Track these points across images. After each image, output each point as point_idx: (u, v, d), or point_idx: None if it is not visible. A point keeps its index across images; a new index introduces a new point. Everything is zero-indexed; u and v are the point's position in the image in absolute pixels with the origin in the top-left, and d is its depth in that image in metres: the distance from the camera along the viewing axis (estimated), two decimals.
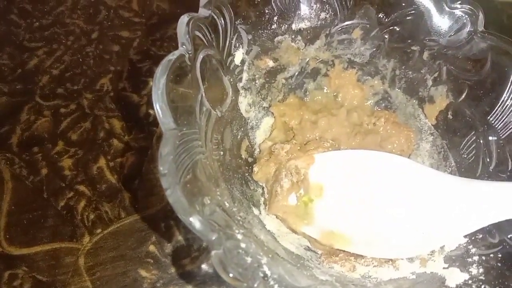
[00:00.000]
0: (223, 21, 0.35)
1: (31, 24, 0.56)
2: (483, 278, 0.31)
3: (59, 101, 0.50)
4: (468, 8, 0.37)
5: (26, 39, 0.55)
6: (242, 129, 0.41)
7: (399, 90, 0.44)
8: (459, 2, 0.37)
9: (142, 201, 0.43)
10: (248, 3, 0.37)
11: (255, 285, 0.25)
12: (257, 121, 0.43)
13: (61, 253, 0.41)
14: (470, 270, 0.32)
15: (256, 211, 0.38)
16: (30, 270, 0.40)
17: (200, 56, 0.32)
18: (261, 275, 0.26)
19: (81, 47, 0.54)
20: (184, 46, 0.30)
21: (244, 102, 0.41)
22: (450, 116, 0.40)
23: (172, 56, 0.29)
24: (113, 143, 0.47)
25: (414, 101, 0.43)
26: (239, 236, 0.28)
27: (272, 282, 0.26)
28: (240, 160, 0.40)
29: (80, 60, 0.53)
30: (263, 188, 0.40)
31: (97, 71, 0.52)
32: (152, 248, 0.41)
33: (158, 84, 0.28)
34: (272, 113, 0.44)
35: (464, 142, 0.39)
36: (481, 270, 0.32)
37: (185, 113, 0.30)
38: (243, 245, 0.27)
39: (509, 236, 0.32)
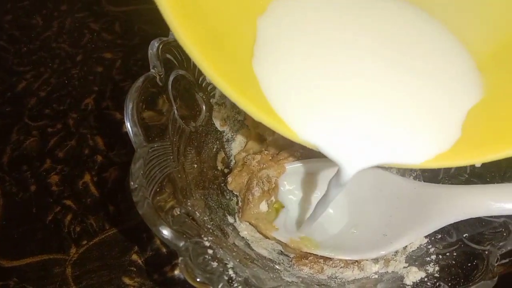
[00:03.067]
0: None
1: (19, 49, 0.59)
2: (438, 276, 0.33)
3: (46, 121, 0.52)
4: None
5: (15, 63, 0.58)
6: (217, 142, 0.43)
7: None
8: None
9: (125, 213, 0.45)
10: None
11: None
12: (232, 134, 0.45)
13: (50, 264, 0.43)
14: (427, 268, 0.34)
15: (231, 219, 0.40)
16: (21, 281, 0.42)
17: (172, 77, 0.35)
18: (226, 278, 0.28)
19: (67, 70, 0.56)
20: (155, 69, 0.33)
21: (218, 116, 0.43)
22: None
23: (142, 78, 0.32)
24: (97, 159, 0.49)
25: None
26: (207, 243, 0.30)
27: (236, 285, 0.28)
28: (216, 171, 0.42)
29: (66, 82, 0.55)
30: (237, 197, 0.42)
31: (82, 91, 0.54)
32: (135, 257, 0.43)
33: (128, 106, 0.30)
34: (247, 125, 0.46)
35: None
36: (437, 268, 0.34)
37: (157, 130, 0.32)
38: (210, 251, 0.29)
39: (465, 236, 0.34)
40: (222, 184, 0.42)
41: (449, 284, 0.31)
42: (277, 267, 0.36)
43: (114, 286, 0.41)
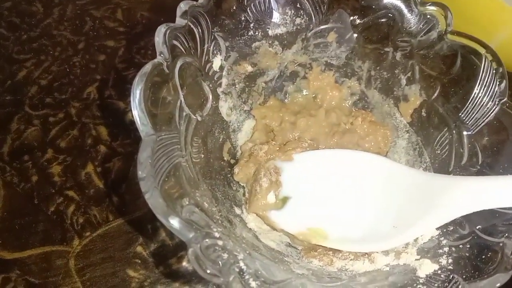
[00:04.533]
0: (200, 30, 0.36)
1: (19, 37, 0.58)
2: (452, 268, 0.33)
3: (47, 110, 0.51)
4: (437, 9, 0.39)
5: (15, 51, 0.56)
6: (224, 132, 0.42)
7: (375, 90, 0.45)
8: (429, 4, 0.39)
9: (129, 205, 0.44)
10: (224, 12, 0.38)
11: (231, 279, 0.26)
12: (238, 124, 0.44)
13: (52, 256, 0.42)
14: (440, 260, 0.33)
15: (238, 211, 0.39)
16: (23, 273, 0.41)
17: (178, 64, 0.34)
18: (237, 270, 0.28)
19: (68, 58, 0.55)
20: (162, 55, 0.32)
21: (225, 106, 0.42)
22: (424, 114, 0.42)
23: (149, 65, 0.31)
24: (100, 149, 0.48)
25: (390, 100, 0.44)
26: (217, 234, 0.29)
27: (247, 277, 0.28)
28: (222, 162, 0.42)
29: (67, 70, 0.54)
30: (244, 188, 0.42)
31: (84, 80, 0.53)
32: (139, 249, 0.42)
33: (135, 93, 0.29)
34: (253, 115, 0.45)
35: (437, 139, 0.40)
36: (450, 260, 0.33)
37: (164, 118, 0.31)
38: (220, 242, 0.28)
39: (477, 227, 0.34)
40: (229, 175, 0.42)
41: (463, 276, 0.31)
42: (286, 259, 0.36)
43: (118, 278, 0.41)
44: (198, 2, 0.36)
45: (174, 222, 0.27)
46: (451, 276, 0.32)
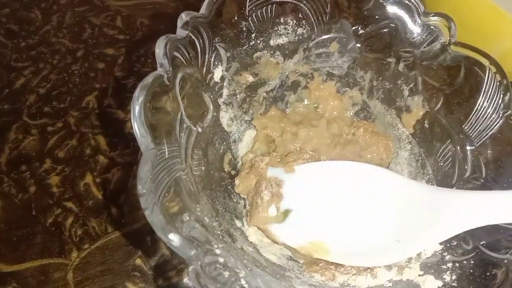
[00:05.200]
0: (201, 41, 0.36)
1: (18, 44, 0.57)
2: (456, 285, 0.32)
3: (46, 119, 0.51)
4: (441, 20, 0.38)
5: (13, 59, 0.56)
6: (224, 143, 0.42)
7: (377, 101, 0.45)
8: (432, 14, 0.38)
9: (128, 216, 0.44)
10: (225, 22, 0.38)
11: None
12: (239, 135, 0.44)
13: (50, 269, 0.41)
14: (444, 277, 0.33)
15: (239, 223, 0.39)
16: (20, 286, 0.41)
17: (179, 76, 0.33)
18: None
19: (67, 66, 0.55)
20: (162, 67, 0.31)
21: (225, 116, 0.42)
22: (426, 125, 0.41)
23: (150, 77, 0.30)
24: (99, 160, 0.48)
25: (392, 111, 0.44)
26: (218, 251, 0.28)
27: None
28: (223, 173, 0.41)
29: (66, 78, 0.54)
30: (245, 200, 0.41)
31: (83, 89, 0.53)
32: (138, 261, 0.42)
33: (136, 106, 0.29)
34: (254, 126, 0.45)
35: (440, 150, 0.40)
36: (454, 276, 0.33)
37: (164, 131, 0.31)
38: (221, 259, 0.28)
39: (482, 243, 0.33)
40: (229, 187, 0.41)
41: None
42: (288, 274, 0.35)
43: None
44: (200, 12, 0.35)
45: (175, 239, 0.26)
46: None
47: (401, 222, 0.37)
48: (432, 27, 0.39)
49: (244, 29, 0.39)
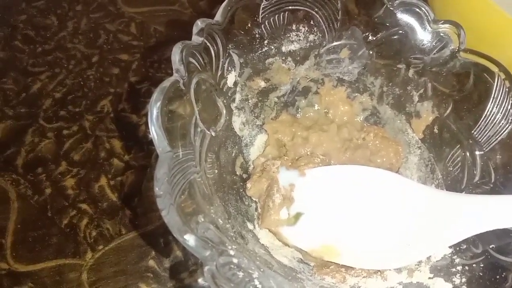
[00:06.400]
0: (215, 47, 0.37)
1: (34, 50, 0.58)
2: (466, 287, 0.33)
3: (61, 123, 0.52)
4: (450, 27, 0.39)
5: (30, 64, 0.57)
6: (236, 146, 0.43)
7: (387, 106, 0.45)
8: (442, 21, 0.39)
9: (142, 218, 0.45)
10: (239, 29, 0.38)
11: None
12: (251, 139, 0.45)
13: (65, 269, 0.42)
14: (453, 280, 0.33)
15: (250, 226, 0.39)
16: (36, 286, 0.41)
17: (194, 81, 0.34)
18: None
19: (82, 71, 0.56)
20: (178, 73, 0.32)
21: (238, 121, 0.42)
22: (436, 131, 0.42)
23: (167, 82, 0.31)
24: (114, 163, 0.49)
25: (402, 116, 0.44)
26: (232, 252, 0.29)
27: None
28: (235, 177, 0.42)
29: (81, 83, 0.55)
30: (256, 203, 0.42)
31: (98, 93, 0.54)
32: (151, 263, 0.42)
33: (153, 110, 0.30)
34: (266, 130, 0.45)
35: (450, 156, 0.40)
36: (464, 279, 0.33)
37: (180, 135, 0.32)
38: (235, 260, 0.29)
39: (491, 246, 0.34)
40: (241, 190, 0.42)
41: None
42: (299, 276, 0.36)
43: None
44: (214, 20, 0.36)
45: (190, 240, 0.27)
46: None
47: (411, 226, 0.37)
48: (441, 34, 0.39)
49: (257, 35, 0.40)
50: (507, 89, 0.36)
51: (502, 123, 0.36)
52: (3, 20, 0.62)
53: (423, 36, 0.40)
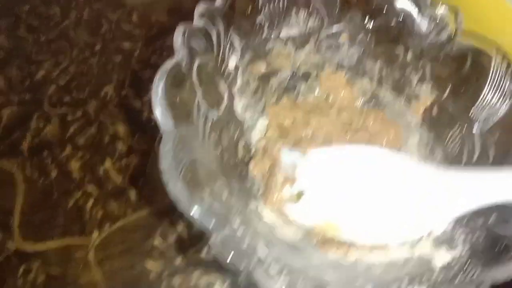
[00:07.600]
0: (216, 31, 0.37)
1: (38, 39, 0.59)
2: (468, 257, 0.33)
3: (66, 109, 0.53)
4: (447, 10, 0.39)
5: (34, 52, 0.58)
6: (238, 129, 0.43)
7: (386, 90, 0.46)
8: (439, 6, 0.40)
9: (147, 199, 0.46)
10: (240, 14, 0.39)
11: (251, 267, 0.27)
12: (252, 122, 0.45)
13: (72, 249, 0.43)
14: (455, 251, 0.34)
15: (253, 205, 0.40)
16: (43, 265, 0.42)
17: (196, 64, 0.35)
18: (257, 258, 0.28)
19: (85, 59, 0.57)
20: (180, 55, 0.33)
21: (239, 104, 0.43)
22: (434, 113, 0.42)
23: (169, 64, 0.32)
24: (118, 146, 0.49)
25: (401, 99, 0.45)
26: (236, 224, 0.30)
27: (268, 264, 0.29)
28: (237, 159, 0.43)
29: (85, 70, 0.56)
30: (259, 183, 0.43)
31: (101, 80, 0.55)
32: (157, 241, 0.43)
33: (157, 90, 0.30)
34: (267, 114, 0.46)
35: (449, 136, 0.41)
36: (466, 249, 0.34)
37: (183, 116, 0.33)
38: (239, 231, 0.30)
39: (493, 219, 0.34)
40: (243, 171, 0.42)
41: (480, 264, 0.31)
42: (303, 251, 0.37)
43: (136, 270, 0.42)
44: (215, 4, 0.37)
45: (196, 211, 0.28)
46: (467, 263, 0.32)
47: (413, 201, 0.38)
48: (439, 18, 0.40)
49: (257, 20, 0.41)
50: (504, 70, 0.36)
51: (500, 103, 0.37)
52: (7, 10, 0.63)
53: (421, 20, 0.41)
